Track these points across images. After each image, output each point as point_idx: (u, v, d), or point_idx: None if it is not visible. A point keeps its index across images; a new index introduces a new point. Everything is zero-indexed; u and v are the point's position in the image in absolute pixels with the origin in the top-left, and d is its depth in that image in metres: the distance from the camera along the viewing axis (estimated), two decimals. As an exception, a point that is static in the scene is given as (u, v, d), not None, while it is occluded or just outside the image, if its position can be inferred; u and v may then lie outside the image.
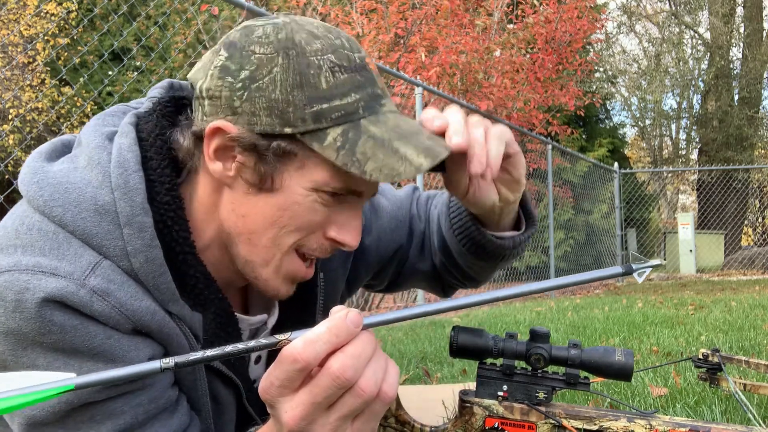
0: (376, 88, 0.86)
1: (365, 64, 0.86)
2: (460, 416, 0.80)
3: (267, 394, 0.66)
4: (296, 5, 8.72)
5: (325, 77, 0.82)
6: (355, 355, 0.63)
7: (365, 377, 0.64)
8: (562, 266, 11.14)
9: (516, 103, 8.64)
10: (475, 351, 0.79)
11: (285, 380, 0.64)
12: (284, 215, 0.85)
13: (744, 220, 18.04)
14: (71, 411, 0.80)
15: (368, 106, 0.84)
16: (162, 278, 0.84)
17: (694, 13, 20.94)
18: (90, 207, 0.82)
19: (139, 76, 12.37)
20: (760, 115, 19.74)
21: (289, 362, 0.63)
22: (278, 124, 0.81)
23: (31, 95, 11.30)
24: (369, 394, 0.64)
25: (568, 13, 9.66)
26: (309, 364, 0.63)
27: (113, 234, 0.82)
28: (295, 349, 0.63)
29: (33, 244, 0.80)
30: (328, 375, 0.63)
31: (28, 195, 0.84)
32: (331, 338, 0.63)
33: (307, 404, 0.64)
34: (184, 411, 0.90)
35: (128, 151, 0.85)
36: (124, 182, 0.83)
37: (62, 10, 11.08)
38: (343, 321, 0.64)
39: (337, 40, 0.86)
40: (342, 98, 0.82)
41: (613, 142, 17.84)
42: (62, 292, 0.77)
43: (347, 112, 0.82)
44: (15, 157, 8.85)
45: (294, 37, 0.84)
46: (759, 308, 4.87)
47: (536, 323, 4.67)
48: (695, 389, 2.05)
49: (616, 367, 0.77)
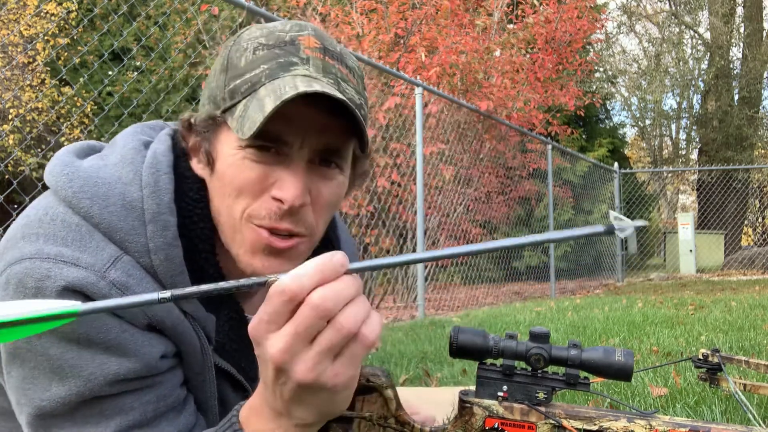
0: (292, 57, 0.84)
1: (294, 39, 0.86)
2: (460, 416, 0.80)
3: (255, 331, 0.66)
4: (296, 5, 8.71)
5: (245, 57, 0.85)
6: (336, 290, 0.64)
7: (345, 314, 0.64)
8: (562, 266, 11.14)
9: (516, 103, 8.63)
10: (474, 351, 0.79)
11: (272, 314, 0.64)
12: (225, 182, 0.87)
13: (744, 220, 18.04)
14: (81, 404, 0.80)
15: (271, 73, 0.83)
16: (180, 277, 0.85)
17: (694, 13, 20.94)
18: (118, 202, 0.84)
19: (139, 76, 12.37)
20: (760, 115, 19.74)
21: (276, 294, 0.64)
22: (213, 109, 0.87)
23: (31, 95, 11.30)
24: (348, 329, 0.64)
25: (568, 13, 9.66)
26: (295, 295, 0.63)
27: (137, 230, 0.84)
28: (282, 281, 0.64)
29: (56, 234, 0.82)
30: (309, 304, 0.63)
31: (56, 186, 0.86)
32: (316, 273, 0.64)
33: (290, 335, 0.64)
34: (191, 411, 0.90)
35: (162, 155, 0.89)
36: (154, 181, 0.86)
37: (62, 10, 11.08)
38: (329, 259, 0.65)
39: (282, 27, 0.87)
40: (252, 71, 0.84)
41: (613, 142, 17.84)
42: (83, 282, 0.78)
43: (252, 83, 0.84)
44: (15, 157, 8.85)
45: (243, 33, 0.89)
46: (759, 308, 4.87)
47: (536, 323, 4.67)
48: (695, 389, 2.05)
49: (615, 368, 0.76)
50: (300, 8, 8.70)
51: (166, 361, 0.86)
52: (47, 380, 0.80)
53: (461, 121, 7.72)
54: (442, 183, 7.52)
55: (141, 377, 0.83)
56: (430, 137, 7.04)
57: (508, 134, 8.76)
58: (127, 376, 0.81)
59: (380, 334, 0.68)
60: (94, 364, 0.80)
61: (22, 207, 3.34)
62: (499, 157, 8.83)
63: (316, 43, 0.86)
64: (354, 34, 8.32)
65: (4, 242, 0.85)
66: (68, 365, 0.79)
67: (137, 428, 0.83)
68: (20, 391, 0.82)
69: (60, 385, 0.80)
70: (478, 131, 8.19)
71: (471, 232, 8.08)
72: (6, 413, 0.95)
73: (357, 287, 0.66)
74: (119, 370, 0.81)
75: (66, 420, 0.81)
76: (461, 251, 0.67)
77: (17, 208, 3.26)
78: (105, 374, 0.80)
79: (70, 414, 0.81)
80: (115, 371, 0.80)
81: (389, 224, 6.77)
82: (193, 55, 6.41)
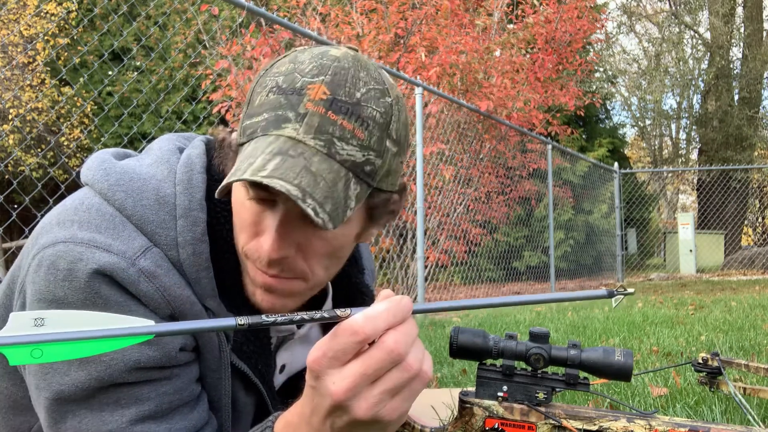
0: (289, 112, 0.80)
1: (304, 87, 0.81)
2: (460, 417, 0.80)
3: (317, 365, 0.68)
4: (296, 5, 8.71)
5: (260, 96, 0.83)
6: (408, 334, 0.68)
7: (412, 355, 0.69)
8: (562, 266, 11.14)
9: (516, 103, 8.62)
10: (474, 351, 0.79)
11: (339, 351, 0.67)
12: (234, 213, 0.89)
13: (744, 220, 18.03)
14: (98, 390, 0.82)
15: (265, 126, 0.81)
16: (205, 273, 0.88)
17: (694, 13, 20.94)
18: (151, 196, 0.87)
19: (139, 76, 12.36)
20: (760, 115, 19.74)
21: (348, 334, 0.67)
22: (237, 136, 0.87)
23: (31, 95, 11.30)
24: (414, 370, 0.68)
25: (568, 13, 9.65)
26: (368, 337, 0.67)
27: (168, 224, 0.87)
28: (356, 322, 0.67)
29: (90, 221, 0.85)
30: (384, 348, 0.67)
31: (93, 180, 0.89)
32: (389, 317, 0.68)
33: (357, 375, 0.66)
34: (203, 408, 0.91)
35: (196, 157, 0.93)
36: (187, 179, 0.89)
37: (62, 10, 11.08)
38: (399, 303, 0.69)
39: (309, 65, 0.83)
40: (257, 117, 0.82)
41: (613, 142, 17.83)
42: (113, 267, 0.81)
43: (253, 130, 0.82)
44: (15, 157, 8.85)
45: (276, 61, 0.87)
46: (759, 308, 4.86)
47: (536, 323, 4.67)
48: (695, 389, 2.05)
49: (615, 368, 0.76)
50: (300, 8, 8.70)
51: (184, 354, 0.88)
52: (67, 364, 0.82)
53: (461, 121, 7.72)
54: (442, 183, 7.52)
55: (160, 367, 0.85)
56: (430, 137, 7.04)
57: (508, 134, 8.76)
58: (147, 364, 0.83)
59: (432, 367, 0.73)
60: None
61: (21, 207, 3.34)
62: (499, 157, 8.83)
63: (324, 94, 0.80)
64: (354, 34, 8.32)
65: (39, 228, 0.89)
66: None
67: (151, 419, 0.84)
68: (39, 375, 0.84)
69: (80, 370, 0.82)
70: (478, 131, 8.19)
71: (471, 232, 8.08)
72: (18, 406, 0.97)
73: (417, 330, 0.71)
74: (140, 357, 0.82)
75: (82, 406, 0.83)
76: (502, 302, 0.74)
77: (17, 208, 3.26)
78: (125, 360, 0.82)
79: (87, 400, 0.83)
80: (136, 358, 0.82)
81: (389, 224, 6.77)
82: (193, 55, 6.40)
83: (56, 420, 0.83)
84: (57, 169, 8.86)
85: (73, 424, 0.83)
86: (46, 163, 10.85)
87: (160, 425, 0.84)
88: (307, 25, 8.30)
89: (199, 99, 6.35)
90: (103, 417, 0.83)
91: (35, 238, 0.87)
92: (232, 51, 6.71)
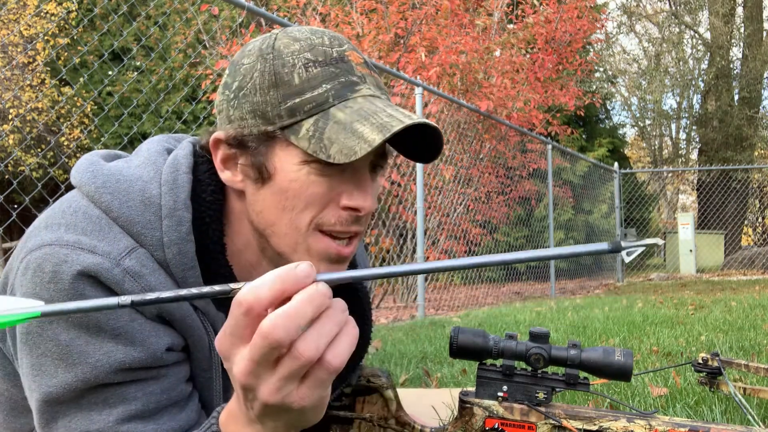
0: (351, 76, 0.88)
1: (343, 56, 0.89)
2: (460, 417, 0.80)
3: (220, 344, 0.64)
4: (296, 5, 8.71)
5: (298, 74, 0.87)
6: (290, 315, 0.59)
7: (305, 340, 0.60)
8: (562, 266, 11.14)
9: (516, 103, 8.62)
10: (475, 351, 0.79)
11: (234, 327, 0.63)
12: (288, 196, 0.88)
13: (744, 220, 18.02)
14: (86, 391, 0.83)
15: (339, 94, 0.86)
16: (191, 272, 0.89)
17: (694, 13, 20.94)
18: (137, 197, 0.88)
19: (139, 76, 12.36)
20: (760, 115, 19.74)
21: (235, 307, 0.62)
22: (261, 124, 0.87)
23: (31, 95, 11.30)
24: (307, 358, 0.61)
25: (568, 13, 9.65)
26: (251, 307, 0.60)
27: (153, 224, 0.87)
28: (240, 293, 0.61)
29: (76, 224, 0.86)
30: (258, 333, 0.60)
31: (80, 182, 0.90)
32: (275, 284, 0.60)
33: (247, 360, 0.62)
34: (193, 408, 0.92)
35: (183, 158, 0.94)
36: (173, 179, 0.90)
37: (62, 10, 11.08)
38: (292, 269, 0.61)
39: (318, 39, 0.90)
40: (313, 90, 0.86)
41: (613, 142, 17.83)
42: (98, 267, 0.82)
43: (318, 102, 0.86)
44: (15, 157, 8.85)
45: (275, 43, 0.90)
46: (759, 308, 4.86)
47: (536, 323, 4.67)
48: (695, 389, 2.05)
49: (615, 368, 0.76)
50: (300, 8, 8.70)
51: (172, 354, 0.89)
52: (54, 366, 0.83)
53: (461, 121, 7.72)
54: (442, 183, 7.52)
55: (146, 367, 0.85)
56: (430, 137, 7.02)
57: (508, 134, 8.76)
58: (132, 365, 0.84)
59: (346, 355, 0.63)
60: (101, 352, 0.83)
61: (21, 207, 3.34)
62: (499, 157, 8.83)
63: (359, 58, 0.91)
64: (354, 34, 8.32)
65: (28, 233, 0.90)
66: (76, 351, 0.82)
67: (138, 419, 0.85)
68: (30, 376, 0.85)
69: (67, 372, 0.83)
70: (478, 131, 8.19)
71: (471, 232, 8.08)
72: (18, 408, 0.98)
73: (318, 304, 0.61)
74: (125, 358, 0.83)
75: (72, 407, 0.84)
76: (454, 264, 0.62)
77: (17, 208, 3.26)
78: (111, 362, 0.83)
79: (77, 400, 0.84)
80: (120, 359, 0.83)
81: (389, 224, 6.77)
82: (193, 55, 6.40)
83: (47, 420, 0.85)
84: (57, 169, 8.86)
85: (63, 424, 0.84)
86: (46, 163, 10.85)
87: (147, 425, 0.85)
88: (307, 25, 8.30)
89: (199, 99, 6.35)
90: (91, 416, 0.84)
91: (24, 242, 0.89)
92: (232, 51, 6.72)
